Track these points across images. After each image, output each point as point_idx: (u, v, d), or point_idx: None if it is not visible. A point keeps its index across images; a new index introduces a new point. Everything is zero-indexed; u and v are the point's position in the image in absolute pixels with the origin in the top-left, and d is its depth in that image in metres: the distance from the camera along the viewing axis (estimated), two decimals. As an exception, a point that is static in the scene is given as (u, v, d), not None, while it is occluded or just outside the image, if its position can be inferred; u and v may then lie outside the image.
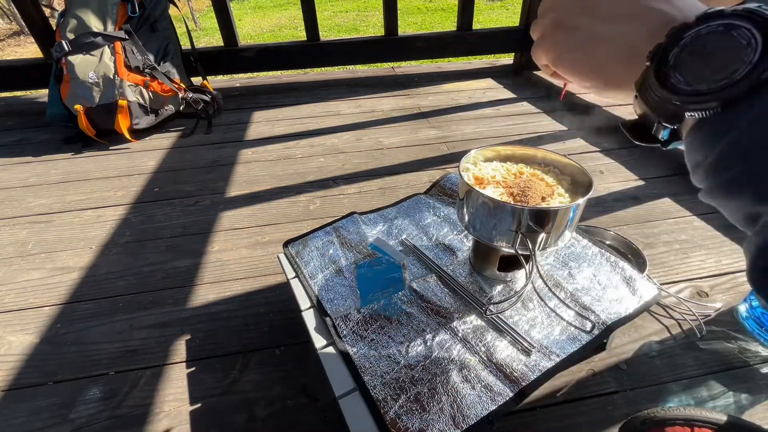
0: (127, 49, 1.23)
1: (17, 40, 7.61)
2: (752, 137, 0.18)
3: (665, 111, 0.22)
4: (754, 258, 0.19)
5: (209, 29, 7.44)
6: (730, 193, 0.20)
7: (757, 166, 0.18)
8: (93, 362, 0.61)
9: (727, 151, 0.19)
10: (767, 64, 0.18)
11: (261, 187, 1.01)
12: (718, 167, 0.20)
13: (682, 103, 0.20)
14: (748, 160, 0.18)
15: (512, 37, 1.65)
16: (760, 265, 0.18)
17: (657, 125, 0.23)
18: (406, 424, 0.40)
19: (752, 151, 0.18)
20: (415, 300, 0.54)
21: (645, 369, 0.56)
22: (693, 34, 0.20)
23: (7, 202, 0.99)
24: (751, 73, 0.18)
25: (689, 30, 0.20)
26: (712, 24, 0.20)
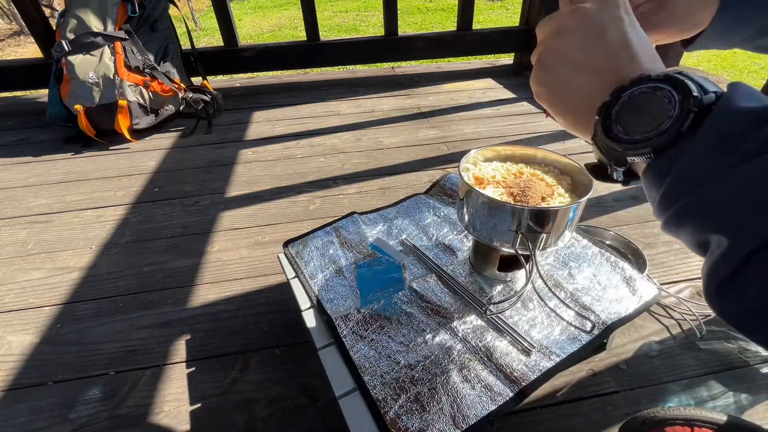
0: (127, 49, 1.23)
1: (17, 40, 7.61)
2: (683, 179, 0.22)
3: (613, 156, 0.26)
4: (706, 282, 0.21)
5: (209, 29, 7.44)
6: (678, 226, 0.23)
7: (692, 203, 0.21)
8: (93, 362, 0.61)
9: (668, 191, 0.22)
10: (684, 118, 0.22)
11: (261, 187, 1.01)
12: (663, 204, 0.23)
13: (623, 150, 0.25)
14: (684, 198, 0.22)
15: (512, 37, 1.65)
16: (713, 287, 0.21)
17: (610, 168, 0.27)
18: (406, 424, 0.40)
19: (685, 191, 0.22)
20: (415, 300, 0.54)
21: (645, 369, 0.56)
22: (629, 94, 0.25)
23: (7, 202, 0.99)
24: (673, 125, 0.22)
25: (626, 90, 0.25)
26: (642, 86, 0.24)
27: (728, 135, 0.20)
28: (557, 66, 0.30)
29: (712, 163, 0.20)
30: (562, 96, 0.31)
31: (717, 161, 0.20)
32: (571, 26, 0.30)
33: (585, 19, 0.29)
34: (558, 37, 0.30)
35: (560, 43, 0.30)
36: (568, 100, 0.30)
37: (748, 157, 0.19)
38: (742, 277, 0.19)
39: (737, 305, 0.20)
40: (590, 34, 0.29)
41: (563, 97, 0.31)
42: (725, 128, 0.20)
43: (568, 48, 0.30)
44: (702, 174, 0.21)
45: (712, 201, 0.21)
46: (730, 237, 0.20)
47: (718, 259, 0.20)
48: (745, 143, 0.19)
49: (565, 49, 0.30)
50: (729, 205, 0.20)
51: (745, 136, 0.20)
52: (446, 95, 1.51)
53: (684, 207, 0.22)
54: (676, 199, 0.22)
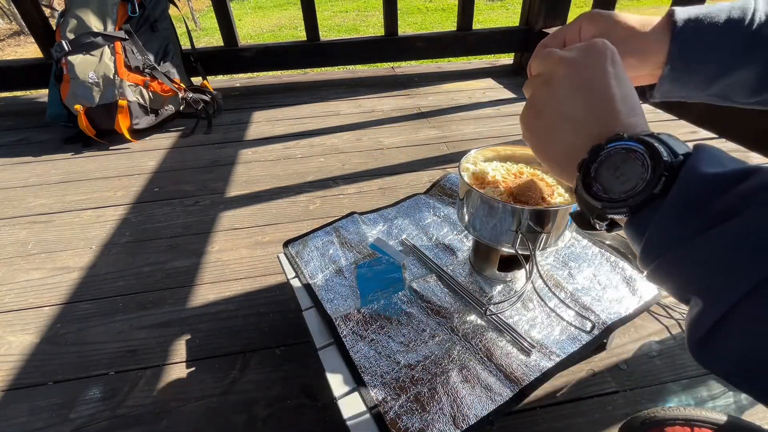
0: (127, 49, 1.23)
1: (17, 40, 7.61)
2: (656, 242, 0.23)
3: (594, 211, 0.27)
4: (687, 336, 0.22)
5: (209, 29, 7.44)
6: (658, 282, 0.24)
7: (664, 265, 0.22)
8: (93, 362, 0.61)
9: (644, 250, 0.23)
10: (657, 181, 0.23)
11: (261, 187, 1.01)
12: (642, 261, 0.24)
13: (602, 208, 0.26)
14: (657, 259, 0.23)
15: (512, 37, 1.65)
16: (693, 343, 0.21)
17: (592, 220, 0.28)
18: (406, 424, 0.40)
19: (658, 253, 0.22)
20: (415, 300, 0.54)
21: (645, 369, 0.56)
22: (605, 153, 0.26)
23: (7, 202, 0.99)
24: (646, 188, 0.23)
25: (603, 150, 0.26)
26: (617, 146, 0.25)
27: (692, 201, 0.21)
28: (545, 114, 0.31)
29: (679, 229, 0.21)
30: (547, 144, 0.32)
31: (683, 226, 0.21)
32: (558, 77, 0.31)
33: (571, 71, 0.30)
34: (547, 85, 0.31)
35: (548, 92, 0.31)
36: (552, 149, 0.32)
37: (711, 223, 0.20)
38: (717, 337, 0.20)
39: (716, 361, 0.21)
40: (575, 86, 0.30)
41: (548, 145, 0.32)
42: (690, 195, 0.21)
43: (554, 99, 0.31)
44: (671, 238, 0.22)
45: (680, 265, 0.22)
46: (703, 299, 0.21)
47: (695, 317, 0.21)
48: (709, 209, 0.20)
49: (552, 99, 0.31)
50: (697, 271, 0.21)
51: (708, 203, 0.21)
52: (446, 95, 1.51)
53: (658, 267, 0.23)
54: (652, 259, 0.23)
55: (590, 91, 0.29)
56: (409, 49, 1.64)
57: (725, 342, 0.20)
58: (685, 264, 0.21)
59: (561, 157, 0.31)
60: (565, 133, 0.30)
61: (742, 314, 0.19)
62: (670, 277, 0.23)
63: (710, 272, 0.20)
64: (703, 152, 0.22)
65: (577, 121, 0.29)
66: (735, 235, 0.19)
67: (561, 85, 0.30)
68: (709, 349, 0.21)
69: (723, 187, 0.20)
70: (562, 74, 0.30)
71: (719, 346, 0.20)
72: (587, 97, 0.29)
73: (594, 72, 0.29)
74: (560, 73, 0.30)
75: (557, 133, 0.31)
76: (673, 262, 0.22)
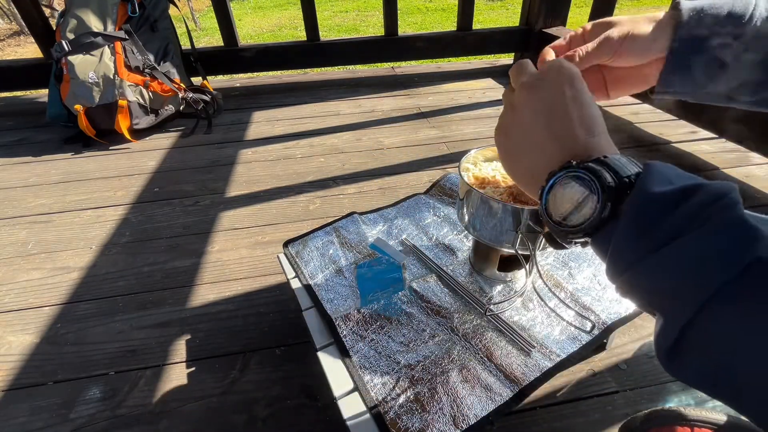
0: (127, 49, 1.23)
1: (17, 40, 7.61)
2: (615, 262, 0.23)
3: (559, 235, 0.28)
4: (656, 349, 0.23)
5: (209, 29, 7.44)
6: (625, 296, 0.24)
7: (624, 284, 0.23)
8: (93, 362, 0.61)
9: (607, 269, 0.24)
10: (604, 207, 0.24)
11: (261, 187, 1.01)
12: (608, 276, 0.25)
13: (564, 233, 0.27)
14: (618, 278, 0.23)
15: (512, 37, 1.65)
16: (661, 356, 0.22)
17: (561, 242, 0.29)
18: (406, 424, 0.40)
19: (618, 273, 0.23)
20: (415, 300, 0.54)
21: (645, 369, 0.56)
22: (555, 180, 0.27)
23: (7, 202, 0.99)
24: (597, 215, 0.24)
25: (555, 177, 0.27)
26: (570, 172, 0.26)
27: (643, 222, 0.22)
28: (511, 135, 0.33)
29: (634, 248, 0.22)
30: (514, 163, 0.34)
31: (638, 246, 0.22)
32: (522, 101, 0.32)
33: (531, 96, 0.31)
34: (513, 109, 0.33)
35: (513, 115, 0.33)
36: (518, 169, 0.33)
37: (665, 241, 0.21)
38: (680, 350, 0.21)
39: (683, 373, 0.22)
40: (536, 111, 0.31)
41: (515, 165, 0.34)
42: (641, 215, 0.22)
43: (519, 122, 0.32)
44: (628, 258, 0.22)
45: (638, 284, 0.23)
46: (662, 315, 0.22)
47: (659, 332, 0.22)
48: (660, 228, 0.21)
49: (516, 122, 0.32)
50: (653, 289, 0.22)
51: (658, 222, 0.21)
52: (446, 95, 1.51)
53: (621, 285, 0.24)
54: (613, 277, 0.24)
55: (549, 114, 0.30)
56: (409, 49, 1.64)
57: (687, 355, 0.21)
58: (642, 283, 0.22)
59: (526, 177, 0.32)
60: (528, 154, 0.31)
61: (697, 329, 0.20)
62: (633, 294, 0.23)
63: (664, 289, 0.21)
64: (652, 172, 0.23)
65: (538, 143, 0.30)
66: (681, 253, 0.20)
67: (524, 108, 0.32)
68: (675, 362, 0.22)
69: (671, 206, 0.21)
70: (524, 99, 0.32)
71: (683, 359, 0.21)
72: (547, 118, 0.30)
73: (552, 95, 0.30)
74: (523, 98, 0.32)
75: (522, 154, 0.32)
76: (631, 282, 0.23)
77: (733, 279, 0.19)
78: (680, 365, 0.21)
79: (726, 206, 0.20)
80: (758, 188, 0.94)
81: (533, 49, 1.63)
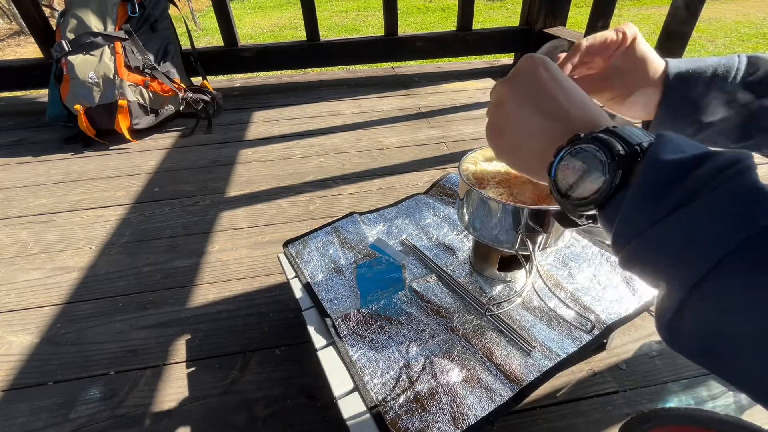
0: (127, 49, 1.23)
1: (17, 40, 7.61)
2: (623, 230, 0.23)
3: (569, 209, 0.28)
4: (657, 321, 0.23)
5: (209, 29, 7.44)
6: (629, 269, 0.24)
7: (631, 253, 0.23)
8: (93, 362, 0.61)
9: (614, 239, 0.24)
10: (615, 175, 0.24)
11: (261, 187, 1.01)
12: (613, 249, 0.24)
13: (573, 207, 0.27)
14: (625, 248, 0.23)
15: (512, 37, 1.65)
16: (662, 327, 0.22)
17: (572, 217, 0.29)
18: (406, 424, 0.40)
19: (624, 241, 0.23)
20: (415, 300, 0.54)
21: (645, 369, 0.56)
22: (564, 153, 0.27)
23: (7, 202, 0.99)
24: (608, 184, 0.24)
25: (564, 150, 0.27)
26: (577, 146, 0.26)
27: (654, 189, 0.21)
28: (505, 132, 0.34)
29: (643, 215, 0.22)
30: (517, 158, 0.34)
31: (648, 213, 0.21)
32: (506, 97, 0.33)
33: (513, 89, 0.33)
34: (499, 107, 0.34)
35: (501, 113, 0.34)
36: (523, 162, 0.34)
37: (672, 209, 0.20)
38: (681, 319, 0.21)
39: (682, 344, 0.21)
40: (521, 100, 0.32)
41: (518, 159, 0.34)
42: (651, 182, 0.22)
43: (508, 117, 0.33)
44: (636, 226, 0.22)
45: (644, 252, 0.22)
46: (667, 283, 0.21)
47: (661, 302, 0.22)
48: (671, 194, 0.21)
49: (506, 118, 0.33)
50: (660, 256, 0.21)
51: (669, 189, 0.21)
52: (446, 95, 1.51)
53: (626, 255, 0.23)
54: (620, 247, 0.23)
55: (536, 99, 0.31)
56: (409, 49, 1.64)
57: (688, 324, 0.20)
58: (648, 250, 0.22)
59: (533, 163, 0.32)
60: (528, 142, 0.32)
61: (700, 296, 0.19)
62: (638, 265, 0.23)
63: (671, 256, 0.21)
64: (664, 140, 0.22)
65: (534, 129, 0.31)
66: (691, 219, 0.20)
67: (509, 103, 0.33)
68: (675, 332, 0.21)
69: (682, 173, 0.21)
70: (507, 94, 0.33)
71: (683, 328, 0.21)
72: (535, 104, 0.31)
73: (531, 80, 0.32)
74: (506, 94, 0.33)
75: (523, 146, 0.33)
76: (638, 250, 0.22)
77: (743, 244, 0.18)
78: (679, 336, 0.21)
79: (740, 171, 0.19)
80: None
81: (533, 50, 1.62)
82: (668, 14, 1.09)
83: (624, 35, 0.39)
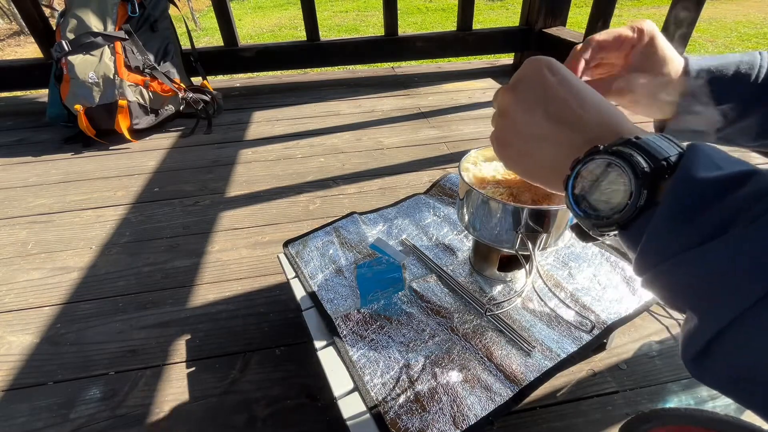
0: (127, 49, 1.23)
1: (17, 40, 7.61)
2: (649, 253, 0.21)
3: (588, 226, 0.26)
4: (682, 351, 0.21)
5: (209, 29, 7.44)
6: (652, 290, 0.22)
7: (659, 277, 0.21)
8: (93, 362, 0.61)
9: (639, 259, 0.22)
10: (639, 194, 0.22)
11: (261, 187, 1.01)
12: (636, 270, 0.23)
13: (593, 225, 0.25)
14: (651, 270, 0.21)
15: (512, 37, 1.65)
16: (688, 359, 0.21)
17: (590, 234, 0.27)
18: (406, 424, 0.40)
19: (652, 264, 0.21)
20: (415, 300, 0.54)
21: (645, 369, 0.56)
22: (583, 168, 0.25)
23: (7, 202, 0.99)
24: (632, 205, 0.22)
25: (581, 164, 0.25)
26: (597, 159, 0.24)
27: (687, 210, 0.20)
28: (514, 142, 0.32)
29: (672, 240, 0.20)
30: (529, 168, 0.32)
31: (679, 237, 0.20)
32: (510, 104, 0.31)
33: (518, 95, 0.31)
34: (504, 116, 0.32)
35: (507, 122, 0.32)
36: (535, 171, 0.31)
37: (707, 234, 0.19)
38: (713, 353, 0.19)
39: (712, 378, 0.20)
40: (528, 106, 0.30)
41: (531, 169, 0.32)
42: (684, 203, 0.20)
43: (515, 126, 0.31)
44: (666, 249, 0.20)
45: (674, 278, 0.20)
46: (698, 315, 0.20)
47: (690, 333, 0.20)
48: (705, 219, 0.19)
49: (512, 127, 0.31)
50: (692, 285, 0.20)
51: (703, 212, 0.19)
52: (446, 95, 1.51)
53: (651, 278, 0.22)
54: (644, 269, 0.22)
55: (544, 104, 0.29)
56: (409, 49, 1.64)
57: (721, 359, 0.19)
58: (679, 277, 0.20)
59: (545, 174, 0.31)
60: (540, 151, 0.30)
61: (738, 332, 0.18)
62: (664, 289, 0.22)
63: (706, 288, 0.19)
64: (697, 154, 0.20)
65: (545, 138, 0.29)
66: (732, 250, 0.18)
67: (515, 112, 0.31)
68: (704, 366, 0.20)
69: (719, 194, 0.19)
70: (511, 102, 0.31)
71: (714, 363, 0.19)
72: (544, 111, 0.29)
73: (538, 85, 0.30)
74: (510, 102, 0.31)
75: (534, 155, 0.30)
76: (666, 274, 0.21)
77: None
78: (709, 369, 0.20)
79: None
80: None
81: (533, 49, 1.63)
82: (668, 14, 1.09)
83: (641, 32, 0.37)
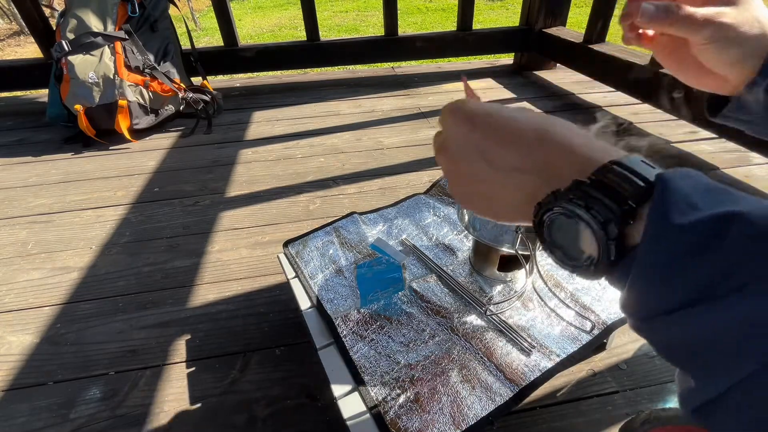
0: (127, 49, 1.23)
1: (17, 40, 7.62)
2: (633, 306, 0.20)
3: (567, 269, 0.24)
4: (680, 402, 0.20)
5: (209, 29, 7.45)
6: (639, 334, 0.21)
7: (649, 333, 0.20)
8: (93, 362, 0.61)
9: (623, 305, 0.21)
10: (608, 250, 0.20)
11: (261, 187, 1.01)
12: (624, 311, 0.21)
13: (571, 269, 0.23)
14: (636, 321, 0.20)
15: (512, 37, 1.65)
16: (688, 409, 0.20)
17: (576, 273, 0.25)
18: (406, 424, 0.40)
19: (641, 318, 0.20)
20: (415, 300, 0.54)
21: (645, 369, 0.56)
22: (548, 216, 0.22)
23: (7, 202, 0.99)
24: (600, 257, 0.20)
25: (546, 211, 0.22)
26: (557, 209, 0.22)
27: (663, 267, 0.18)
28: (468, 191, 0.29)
29: (654, 298, 0.18)
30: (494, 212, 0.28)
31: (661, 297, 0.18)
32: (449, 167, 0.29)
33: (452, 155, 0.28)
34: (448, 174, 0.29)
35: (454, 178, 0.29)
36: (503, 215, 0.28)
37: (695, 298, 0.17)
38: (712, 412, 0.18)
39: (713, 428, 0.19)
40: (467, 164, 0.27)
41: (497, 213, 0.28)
42: (659, 258, 0.18)
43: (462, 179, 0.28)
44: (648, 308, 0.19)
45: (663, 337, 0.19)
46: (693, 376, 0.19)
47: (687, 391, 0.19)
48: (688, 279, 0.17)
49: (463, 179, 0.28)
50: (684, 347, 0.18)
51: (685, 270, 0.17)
52: (446, 95, 1.51)
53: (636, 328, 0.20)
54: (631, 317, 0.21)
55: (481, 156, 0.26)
56: (409, 49, 1.64)
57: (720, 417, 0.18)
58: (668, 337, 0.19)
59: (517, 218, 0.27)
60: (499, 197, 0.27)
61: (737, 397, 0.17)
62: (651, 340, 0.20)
63: (699, 353, 0.18)
64: (669, 192, 0.18)
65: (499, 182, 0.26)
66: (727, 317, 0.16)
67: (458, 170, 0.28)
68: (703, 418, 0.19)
69: (701, 246, 0.17)
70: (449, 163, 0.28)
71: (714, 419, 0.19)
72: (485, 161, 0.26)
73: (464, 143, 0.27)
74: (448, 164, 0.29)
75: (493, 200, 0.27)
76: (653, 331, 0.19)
77: None
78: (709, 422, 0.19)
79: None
80: (758, 188, 0.94)
81: (533, 50, 1.63)
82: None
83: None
